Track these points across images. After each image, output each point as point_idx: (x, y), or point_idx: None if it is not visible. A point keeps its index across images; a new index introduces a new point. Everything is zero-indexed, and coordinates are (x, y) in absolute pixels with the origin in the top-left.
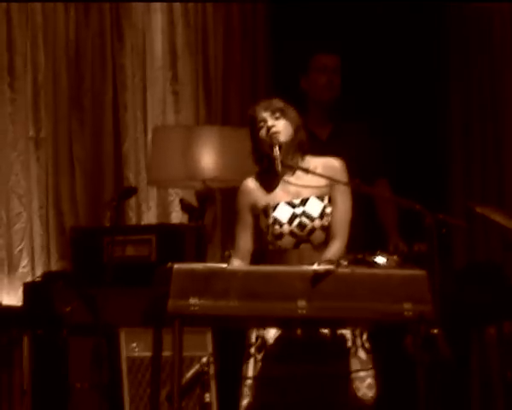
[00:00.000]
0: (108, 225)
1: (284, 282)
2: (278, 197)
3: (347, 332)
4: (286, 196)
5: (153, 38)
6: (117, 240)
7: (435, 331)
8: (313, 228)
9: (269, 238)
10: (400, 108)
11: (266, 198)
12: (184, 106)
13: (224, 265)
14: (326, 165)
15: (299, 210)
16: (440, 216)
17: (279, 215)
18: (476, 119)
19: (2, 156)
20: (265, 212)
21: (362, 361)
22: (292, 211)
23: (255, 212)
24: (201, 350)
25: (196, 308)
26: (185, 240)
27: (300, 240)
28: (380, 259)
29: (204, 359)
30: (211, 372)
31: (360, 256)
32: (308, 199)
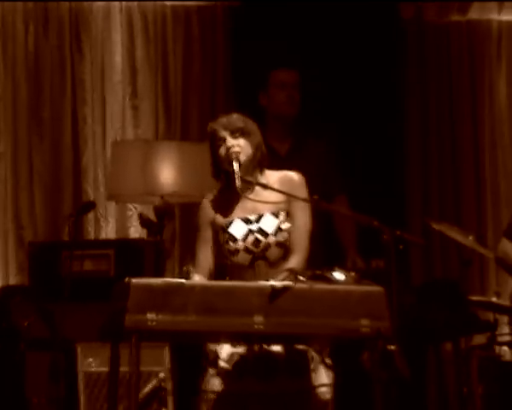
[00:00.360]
0: (67, 240)
1: (242, 297)
2: (235, 213)
3: (308, 349)
4: (242, 213)
5: (112, 52)
6: (75, 254)
7: (392, 348)
8: (268, 245)
9: (226, 254)
10: (357, 125)
11: (224, 214)
12: (144, 120)
13: (183, 280)
14: (284, 179)
15: (254, 226)
16: (398, 232)
17: (234, 231)
18: (433, 134)
19: None
20: (222, 228)
21: (322, 377)
22: (247, 227)
23: (215, 227)
24: (159, 365)
25: (154, 323)
26: (144, 255)
27: (256, 256)
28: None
29: (161, 374)
30: (168, 388)
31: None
32: (263, 215)
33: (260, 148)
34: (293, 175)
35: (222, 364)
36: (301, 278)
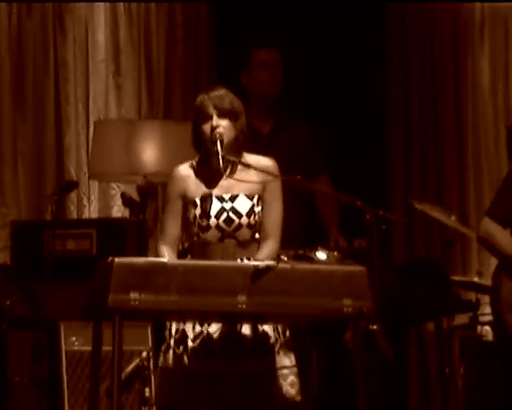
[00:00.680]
0: (49, 219)
1: (225, 277)
2: (209, 190)
3: (270, 330)
4: (216, 190)
5: (95, 32)
6: (58, 234)
7: (375, 327)
8: (240, 225)
9: (194, 230)
10: (341, 105)
11: (197, 189)
12: (127, 100)
13: (165, 259)
14: (259, 164)
15: (227, 205)
16: (380, 212)
17: (208, 208)
18: (416, 116)
19: None
20: (194, 203)
21: (284, 359)
22: (220, 205)
23: (185, 201)
24: (141, 345)
25: (137, 303)
26: (126, 234)
27: (226, 235)
28: (320, 254)
29: (144, 353)
30: (151, 367)
31: (301, 252)
32: (238, 196)
33: (243, 131)
34: (268, 160)
35: (190, 343)
36: (284, 258)
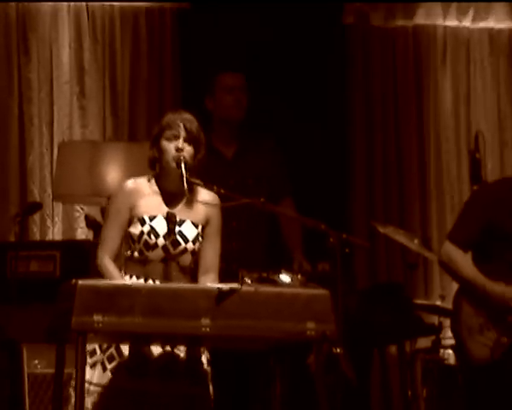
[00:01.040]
0: (13, 241)
1: (189, 299)
2: (158, 209)
3: (204, 357)
4: (165, 211)
5: (60, 52)
6: (21, 255)
7: (338, 351)
8: (185, 249)
9: (137, 246)
10: (302, 130)
11: (145, 205)
12: (91, 121)
13: (129, 281)
14: (205, 197)
15: (176, 228)
16: (344, 236)
17: (156, 226)
18: (378, 138)
19: None
20: (143, 219)
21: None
22: (168, 227)
23: (131, 215)
24: None
25: (100, 325)
26: (90, 256)
27: (169, 257)
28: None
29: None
30: None
31: (264, 275)
32: (185, 221)
33: (200, 162)
34: (212, 195)
35: (123, 360)
36: (248, 281)
